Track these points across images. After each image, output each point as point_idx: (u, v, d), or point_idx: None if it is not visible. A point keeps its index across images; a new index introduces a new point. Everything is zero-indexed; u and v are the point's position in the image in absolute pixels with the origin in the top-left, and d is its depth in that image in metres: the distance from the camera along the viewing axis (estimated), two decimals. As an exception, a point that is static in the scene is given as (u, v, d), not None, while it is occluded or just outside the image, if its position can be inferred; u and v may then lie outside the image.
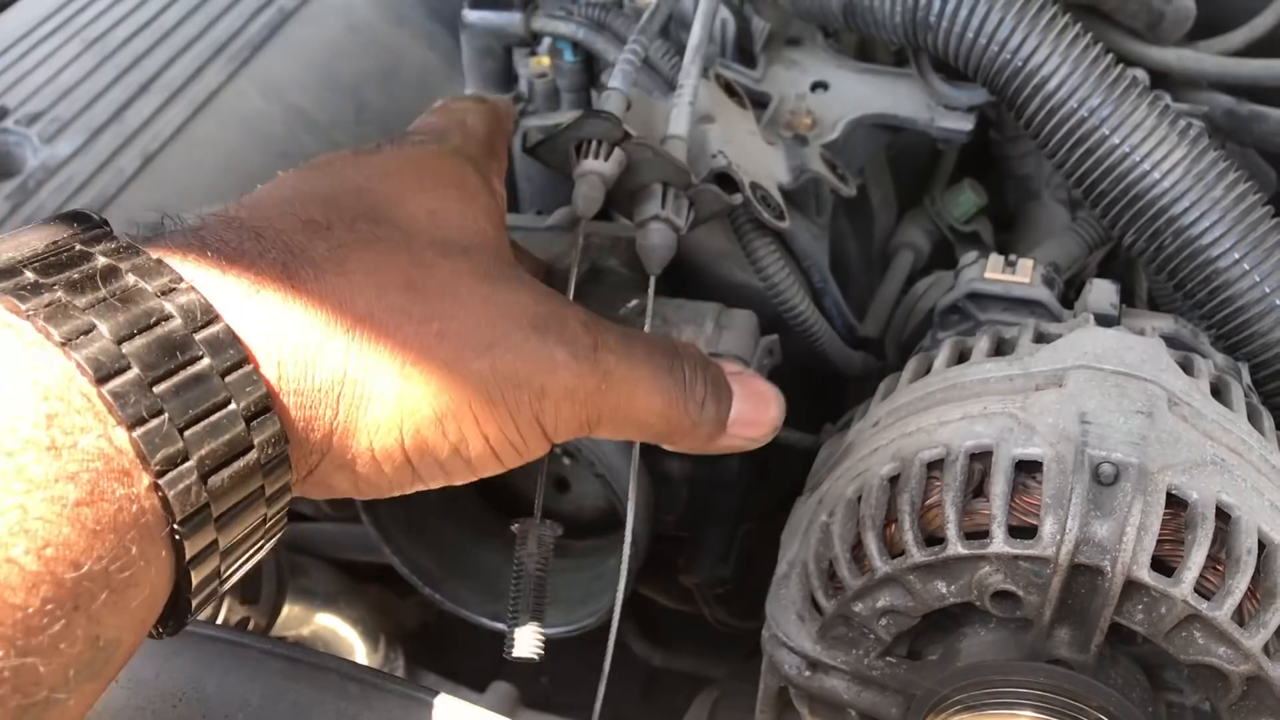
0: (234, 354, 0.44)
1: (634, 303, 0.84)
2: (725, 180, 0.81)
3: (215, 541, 0.43)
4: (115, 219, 1.01)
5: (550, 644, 0.68)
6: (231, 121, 1.15)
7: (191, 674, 0.58)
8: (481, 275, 0.53)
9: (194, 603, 0.44)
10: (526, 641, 0.65)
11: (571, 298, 0.73)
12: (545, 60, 1.01)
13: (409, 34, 1.30)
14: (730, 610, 1.02)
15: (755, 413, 0.64)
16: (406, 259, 0.51)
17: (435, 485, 0.54)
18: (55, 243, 0.44)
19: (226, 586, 0.47)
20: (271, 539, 0.49)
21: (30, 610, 0.36)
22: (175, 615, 0.44)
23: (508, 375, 0.51)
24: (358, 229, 0.51)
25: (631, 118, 0.75)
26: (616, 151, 0.71)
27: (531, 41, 0.93)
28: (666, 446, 0.62)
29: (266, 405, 0.45)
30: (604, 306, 0.84)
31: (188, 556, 0.42)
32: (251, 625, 1.00)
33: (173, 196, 1.07)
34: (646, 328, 0.75)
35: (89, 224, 0.46)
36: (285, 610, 1.05)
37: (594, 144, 0.71)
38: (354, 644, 1.11)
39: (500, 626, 0.95)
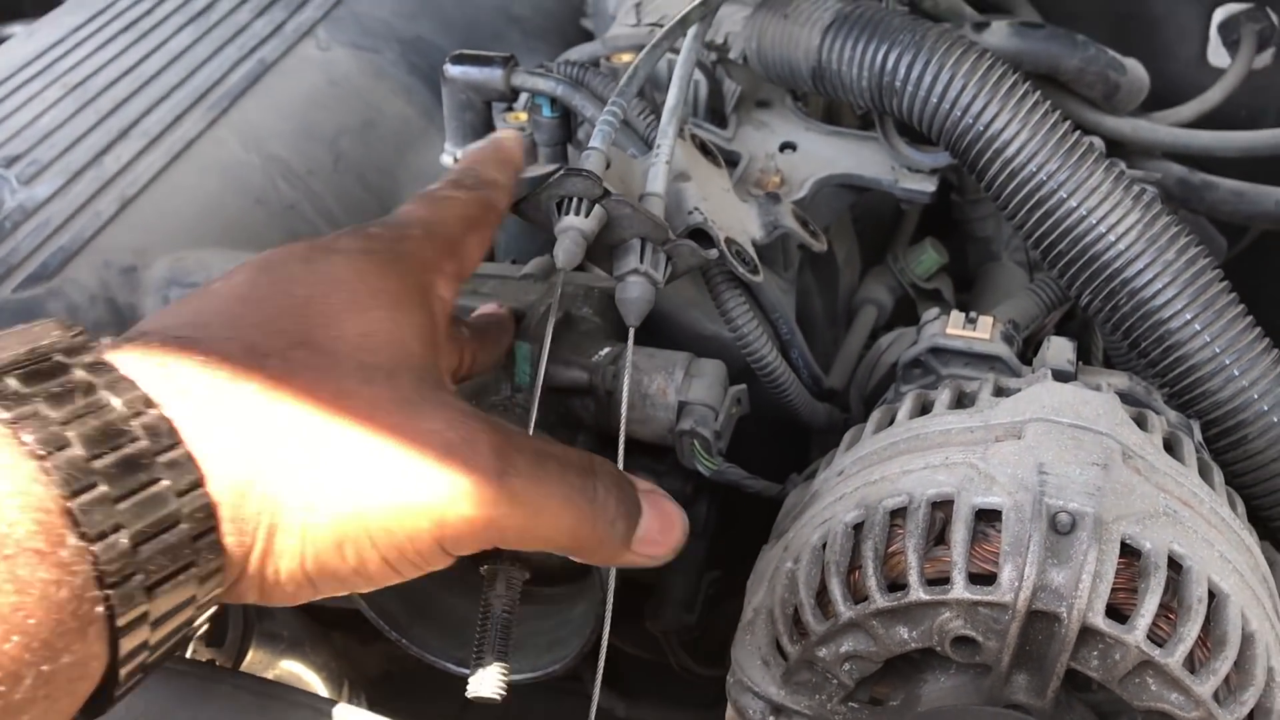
0: (190, 478, 0.49)
1: (605, 350, 0.86)
2: (701, 235, 0.83)
3: (147, 641, 0.48)
4: (92, 261, 1.03)
5: (516, 690, 0.69)
6: (210, 169, 1.17)
7: (164, 709, 0.58)
8: (400, 401, 0.56)
9: (115, 695, 0.48)
10: (489, 681, 0.66)
11: (548, 347, 0.75)
12: (523, 115, 1.03)
13: (387, 88, 1.32)
14: (696, 658, 1.03)
15: (661, 533, 0.65)
16: (331, 388, 0.55)
17: (336, 594, 0.58)
18: (35, 350, 0.48)
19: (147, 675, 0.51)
20: (192, 634, 0.53)
21: (14, 698, 0.41)
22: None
23: (407, 506, 0.54)
24: (291, 358, 0.55)
25: (610, 175, 0.77)
26: (596, 208, 0.73)
27: (511, 97, 0.95)
28: (574, 559, 0.64)
29: (211, 527, 0.50)
30: (576, 354, 0.86)
31: (121, 654, 0.47)
32: (216, 669, 0.99)
33: (149, 241, 1.08)
34: (625, 379, 0.76)
35: (67, 332, 0.51)
36: (250, 655, 1.04)
37: (575, 201, 0.73)
38: (318, 690, 1.10)
39: (466, 672, 0.95)
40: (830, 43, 0.94)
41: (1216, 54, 1.61)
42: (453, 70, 0.94)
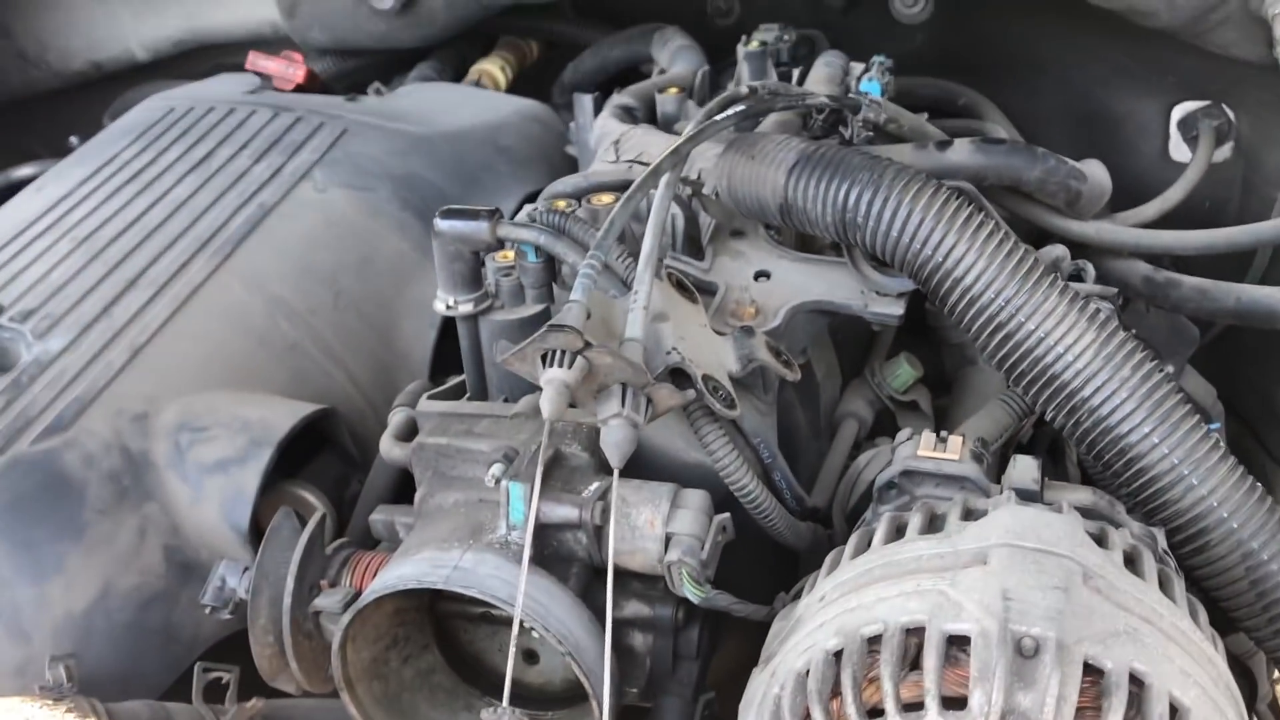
0: None
1: (594, 485, 0.90)
2: (680, 374, 0.88)
3: None
4: (105, 411, 1.09)
5: None
6: (214, 313, 1.23)
7: None
8: None
9: None
10: None
11: (538, 487, 0.80)
12: (510, 255, 1.08)
13: (382, 225, 1.38)
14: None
15: None
16: None
17: None
18: None
19: None
20: None
21: None
22: None
23: None
24: None
25: (592, 323, 0.83)
26: (579, 359, 0.78)
27: (497, 247, 1.01)
28: None
29: None
30: (567, 489, 0.90)
31: None
32: (230, 804, 1.02)
33: (159, 388, 1.13)
34: (612, 517, 0.81)
35: None
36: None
37: (558, 353, 0.78)
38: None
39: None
40: (795, 181, 1.00)
41: (1178, 149, 1.68)
42: (442, 225, 1.00)
